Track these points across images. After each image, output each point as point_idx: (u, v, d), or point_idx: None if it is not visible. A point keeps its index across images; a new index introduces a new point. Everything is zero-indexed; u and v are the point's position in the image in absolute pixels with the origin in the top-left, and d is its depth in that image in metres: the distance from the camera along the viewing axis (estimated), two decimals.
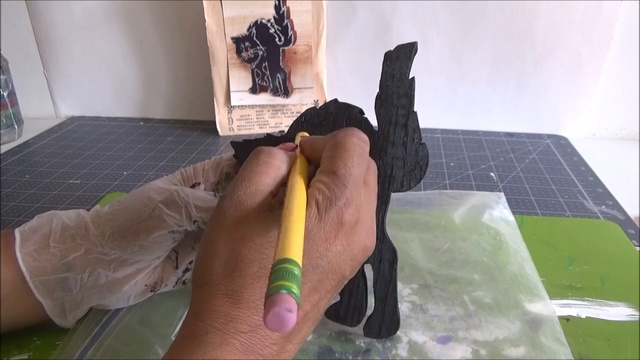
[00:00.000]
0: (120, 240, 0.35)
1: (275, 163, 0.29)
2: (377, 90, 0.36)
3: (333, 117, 0.36)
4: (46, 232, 0.36)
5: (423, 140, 0.35)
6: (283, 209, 0.25)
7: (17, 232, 0.36)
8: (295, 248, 0.21)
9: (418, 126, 0.35)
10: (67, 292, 0.36)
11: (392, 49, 0.35)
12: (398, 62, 0.35)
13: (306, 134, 0.35)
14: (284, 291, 0.19)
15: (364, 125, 0.36)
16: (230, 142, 0.38)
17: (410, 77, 0.35)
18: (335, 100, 0.36)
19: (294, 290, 0.19)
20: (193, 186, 0.38)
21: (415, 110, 0.35)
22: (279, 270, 0.20)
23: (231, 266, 0.25)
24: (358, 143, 0.29)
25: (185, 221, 0.35)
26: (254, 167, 0.28)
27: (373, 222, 0.30)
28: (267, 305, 0.18)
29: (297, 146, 0.33)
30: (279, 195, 0.28)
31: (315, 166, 0.30)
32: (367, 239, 0.28)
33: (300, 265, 0.20)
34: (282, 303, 0.18)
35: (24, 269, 0.34)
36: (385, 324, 0.37)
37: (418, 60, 0.35)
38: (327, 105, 0.36)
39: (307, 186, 0.28)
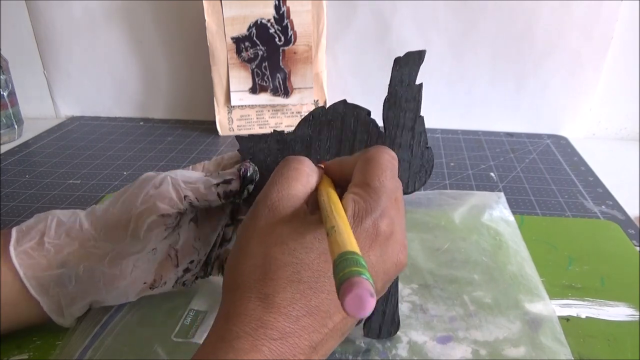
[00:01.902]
0: (112, 232, 0.35)
1: (306, 170, 0.30)
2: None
3: (341, 116, 0.37)
4: (41, 228, 0.36)
5: (429, 145, 0.36)
6: (324, 213, 0.26)
7: (14, 230, 0.36)
8: (353, 243, 0.22)
9: (424, 130, 0.36)
10: (62, 288, 0.36)
11: (395, 52, 0.37)
12: (407, 67, 0.35)
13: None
14: (363, 276, 0.18)
15: (371, 126, 0.37)
16: (236, 136, 0.38)
17: (418, 83, 0.35)
18: (344, 101, 0.37)
19: (368, 275, 0.19)
20: None
21: (422, 115, 0.36)
22: (346, 259, 0.20)
23: (264, 269, 0.25)
24: (390, 159, 0.30)
25: (176, 199, 0.35)
26: (286, 173, 0.29)
27: (405, 239, 0.29)
28: (345, 288, 0.18)
29: (322, 167, 0.33)
30: (310, 202, 0.29)
31: (342, 188, 0.30)
32: (400, 253, 0.28)
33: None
34: (363, 285, 0.18)
35: (17, 265, 0.34)
36: (386, 324, 0.37)
37: None
38: (336, 105, 0.37)
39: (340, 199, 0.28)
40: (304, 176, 0.29)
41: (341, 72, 0.80)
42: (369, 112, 0.37)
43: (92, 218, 0.36)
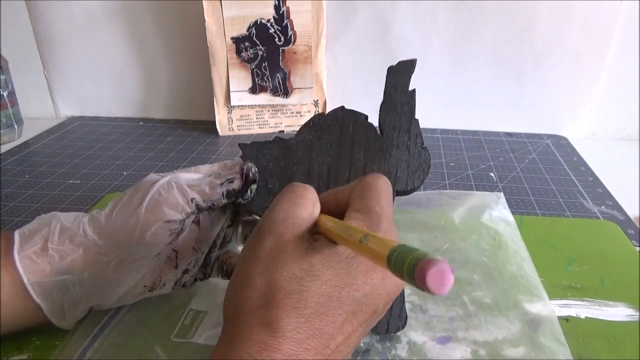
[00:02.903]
0: (117, 238, 0.35)
1: (311, 198, 0.29)
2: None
3: (340, 122, 0.39)
4: (45, 234, 0.35)
5: (425, 145, 0.38)
6: (343, 231, 0.26)
7: (16, 234, 0.36)
8: (397, 241, 0.21)
9: (420, 132, 0.38)
10: (66, 293, 0.36)
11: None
12: (400, 75, 0.38)
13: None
14: (434, 256, 0.18)
15: (369, 130, 0.38)
16: (238, 144, 0.39)
17: (411, 88, 0.38)
18: (343, 107, 0.39)
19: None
20: None
21: (417, 117, 0.38)
22: (403, 251, 0.19)
23: (268, 296, 0.25)
24: (386, 186, 0.30)
25: (183, 203, 0.35)
26: (292, 199, 0.29)
27: None
28: (422, 267, 0.18)
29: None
30: (312, 232, 0.29)
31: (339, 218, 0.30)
32: None
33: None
34: (440, 262, 0.18)
35: (21, 270, 0.34)
36: (393, 319, 0.38)
37: (418, 61, 0.37)
38: (335, 111, 0.39)
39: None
40: (309, 204, 0.29)
41: (341, 72, 0.80)
42: (366, 117, 0.39)
43: (95, 224, 0.36)
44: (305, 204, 0.29)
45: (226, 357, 0.25)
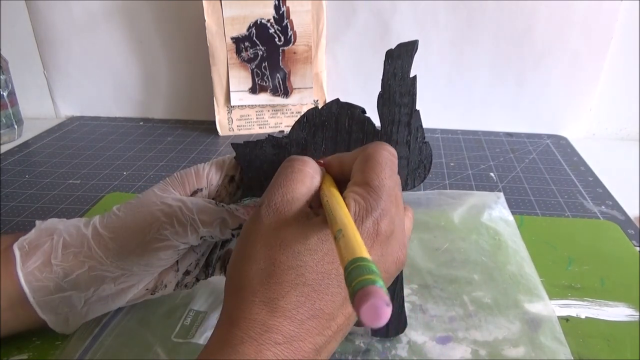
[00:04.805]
0: (124, 261, 0.35)
1: (310, 172, 0.29)
2: (378, 89, 0.35)
3: (335, 117, 0.36)
4: (47, 249, 0.35)
5: (426, 139, 0.35)
6: (330, 216, 0.25)
7: (15, 249, 0.35)
8: (363, 247, 0.21)
9: (421, 125, 0.35)
10: (72, 309, 0.35)
11: (393, 47, 0.35)
12: (400, 60, 0.34)
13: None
14: (378, 284, 0.18)
15: (366, 124, 0.36)
16: (231, 143, 0.37)
17: (412, 75, 0.34)
18: (337, 100, 0.36)
19: (382, 283, 0.18)
20: (195, 192, 0.37)
21: (417, 109, 0.35)
22: (358, 267, 0.19)
23: (269, 272, 0.25)
24: (389, 156, 0.29)
25: (192, 238, 0.35)
26: (289, 175, 0.29)
27: (404, 236, 0.30)
28: (360, 297, 0.18)
29: (323, 163, 0.33)
30: (314, 203, 0.29)
31: (342, 184, 0.30)
32: (400, 252, 0.28)
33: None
34: (379, 295, 0.17)
35: (26, 289, 0.34)
36: (393, 323, 0.37)
37: (418, 60, 0.34)
38: (329, 105, 0.36)
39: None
40: (307, 178, 0.29)
41: (341, 72, 0.80)
42: (363, 110, 0.36)
43: (100, 240, 0.35)
44: (303, 179, 0.29)
45: (227, 337, 0.24)
